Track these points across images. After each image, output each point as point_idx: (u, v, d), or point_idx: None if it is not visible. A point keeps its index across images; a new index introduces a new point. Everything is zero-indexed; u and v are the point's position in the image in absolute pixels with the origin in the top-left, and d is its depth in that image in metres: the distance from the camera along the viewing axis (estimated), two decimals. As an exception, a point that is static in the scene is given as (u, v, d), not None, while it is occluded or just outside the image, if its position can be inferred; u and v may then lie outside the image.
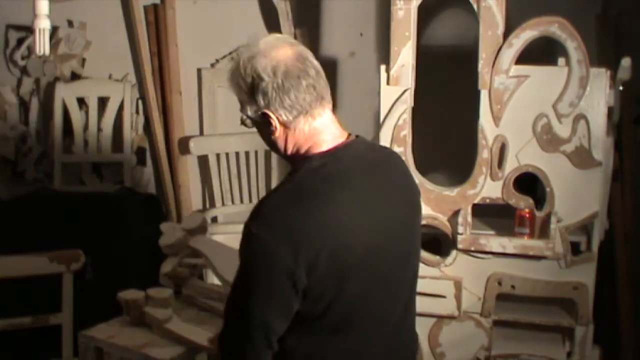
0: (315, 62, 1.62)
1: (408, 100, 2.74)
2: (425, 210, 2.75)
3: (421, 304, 2.68)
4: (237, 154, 3.84)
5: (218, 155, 3.82)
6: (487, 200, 2.73)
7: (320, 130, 1.63)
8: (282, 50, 1.59)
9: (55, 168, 3.80)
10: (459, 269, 2.75)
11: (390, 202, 1.66)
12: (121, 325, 2.29)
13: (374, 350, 1.67)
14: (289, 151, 1.65)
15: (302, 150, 1.64)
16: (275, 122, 1.60)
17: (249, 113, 1.62)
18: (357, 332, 1.62)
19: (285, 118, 1.59)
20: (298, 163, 1.64)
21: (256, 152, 3.84)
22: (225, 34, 3.83)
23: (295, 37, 3.67)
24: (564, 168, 2.64)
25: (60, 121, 3.82)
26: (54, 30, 2.46)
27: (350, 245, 1.55)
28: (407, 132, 2.76)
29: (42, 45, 2.41)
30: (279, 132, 1.62)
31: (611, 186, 2.86)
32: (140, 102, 3.91)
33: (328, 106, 1.64)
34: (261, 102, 1.58)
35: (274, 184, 3.83)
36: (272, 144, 1.67)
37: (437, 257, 2.77)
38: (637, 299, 3.16)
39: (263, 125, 1.62)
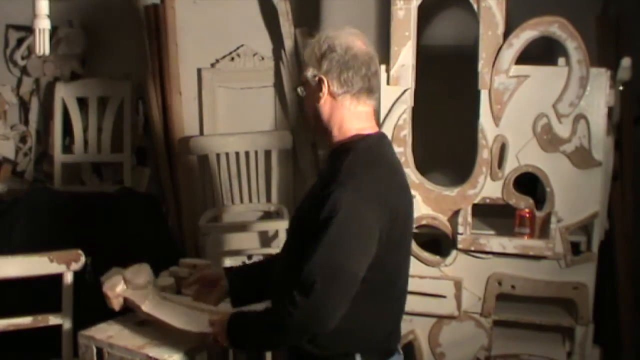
0: (378, 65, 1.89)
1: (408, 100, 2.74)
2: (426, 210, 2.76)
3: (421, 304, 2.73)
4: (237, 154, 3.83)
5: (218, 155, 3.82)
6: (487, 200, 2.73)
7: (365, 117, 1.88)
8: (359, 41, 1.86)
9: (55, 168, 3.80)
10: (459, 269, 2.75)
11: (407, 192, 1.93)
12: (121, 325, 2.29)
13: (400, 313, 1.97)
14: (331, 123, 1.87)
15: (348, 129, 1.86)
16: (325, 89, 1.84)
17: (308, 75, 1.86)
18: (398, 296, 1.91)
19: (335, 89, 1.84)
20: (352, 142, 1.84)
21: (256, 152, 3.84)
22: (225, 34, 3.83)
23: (295, 37, 3.68)
24: (564, 168, 2.64)
25: (60, 121, 3.83)
26: (54, 30, 2.46)
27: (406, 213, 1.89)
28: (407, 132, 2.76)
29: (42, 45, 2.41)
30: (324, 99, 1.85)
31: (611, 186, 2.86)
32: (140, 102, 3.91)
33: (373, 102, 1.90)
34: (323, 67, 1.83)
35: (274, 183, 3.83)
36: (315, 113, 1.88)
37: (437, 257, 2.77)
38: (637, 299, 3.16)
39: (314, 90, 1.86)
